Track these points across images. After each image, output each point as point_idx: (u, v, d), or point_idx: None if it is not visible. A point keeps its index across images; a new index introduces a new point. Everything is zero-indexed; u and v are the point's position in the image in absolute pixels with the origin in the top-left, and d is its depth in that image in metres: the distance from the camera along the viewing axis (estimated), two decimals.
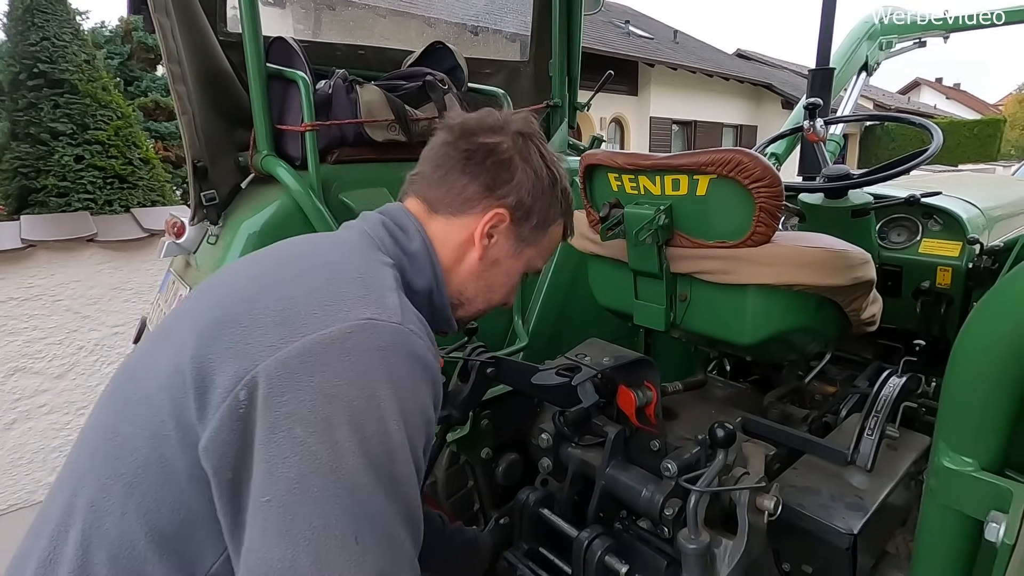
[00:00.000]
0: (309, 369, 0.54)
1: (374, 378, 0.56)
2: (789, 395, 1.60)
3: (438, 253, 0.80)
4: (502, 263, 0.83)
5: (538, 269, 0.91)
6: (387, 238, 0.77)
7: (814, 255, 1.05)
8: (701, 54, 16.31)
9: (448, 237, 0.80)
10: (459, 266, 0.81)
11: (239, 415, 0.53)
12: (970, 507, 0.55)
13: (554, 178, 0.84)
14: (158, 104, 6.20)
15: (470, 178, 0.79)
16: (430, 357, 0.63)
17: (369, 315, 0.59)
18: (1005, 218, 1.83)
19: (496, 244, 0.81)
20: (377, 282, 0.66)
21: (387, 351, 0.58)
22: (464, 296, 0.83)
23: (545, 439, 1.23)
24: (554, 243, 0.91)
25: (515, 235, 0.82)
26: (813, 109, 1.63)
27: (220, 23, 1.43)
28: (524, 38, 2.06)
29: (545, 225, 0.85)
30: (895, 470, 1.14)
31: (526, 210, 0.81)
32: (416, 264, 0.77)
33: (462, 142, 0.80)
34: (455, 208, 0.80)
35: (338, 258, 0.69)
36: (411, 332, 0.61)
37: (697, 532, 0.89)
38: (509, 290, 0.88)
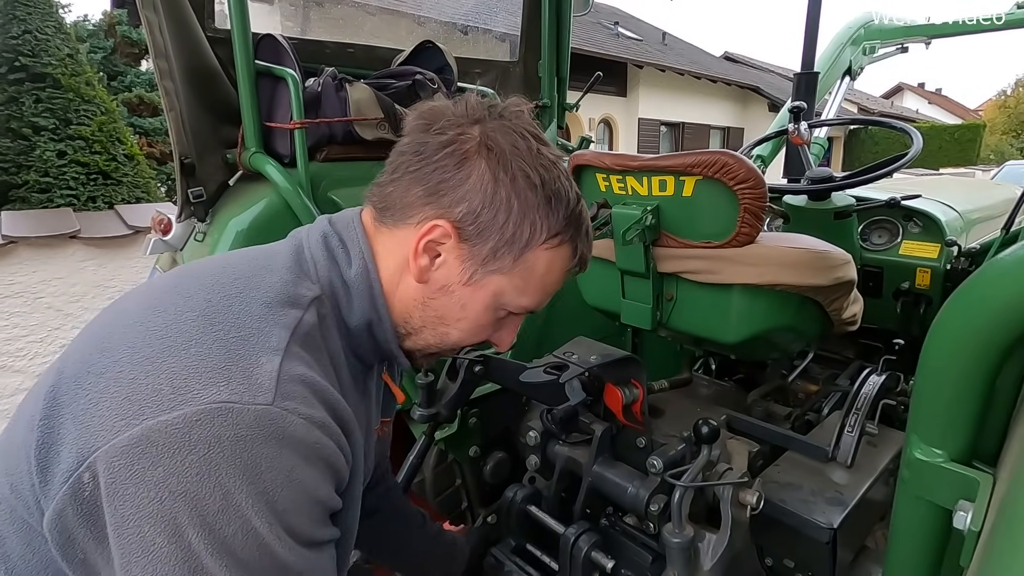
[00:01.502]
0: (150, 461, 0.46)
1: (227, 475, 0.47)
2: (773, 393, 1.63)
3: (381, 273, 0.66)
4: (454, 291, 0.65)
5: (523, 308, 0.69)
6: (323, 260, 0.64)
7: (797, 256, 1.07)
8: (689, 56, 16.44)
9: (391, 253, 0.66)
10: (401, 290, 0.66)
11: (84, 499, 0.48)
12: (940, 497, 0.57)
13: (533, 184, 0.63)
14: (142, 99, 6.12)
15: (415, 179, 0.63)
16: (315, 434, 0.53)
17: (224, 398, 0.49)
18: (982, 221, 1.88)
19: (444, 266, 0.64)
20: (253, 343, 0.53)
21: (244, 442, 0.48)
22: (409, 325, 0.68)
23: (533, 437, 1.24)
24: (545, 275, 0.67)
25: (467, 256, 0.63)
26: (798, 112, 1.66)
27: (208, 19, 1.42)
28: (514, 38, 2.07)
29: (516, 247, 0.63)
30: (874, 466, 1.17)
31: (481, 225, 0.62)
32: (351, 295, 0.65)
33: (421, 135, 0.64)
34: (396, 217, 0.65)
35: (229, 298, 0.57)
36: (285, 412, 0.51)
37: (681, 527, 0.90)
38: (472, 328, 0.68)
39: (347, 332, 0.65)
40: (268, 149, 1.39)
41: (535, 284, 0.68)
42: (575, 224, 0.67)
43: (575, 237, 0.68)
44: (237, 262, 0.64)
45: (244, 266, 0.62)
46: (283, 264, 0.63)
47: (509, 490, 1.24)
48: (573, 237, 0.68)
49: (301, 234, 0.68)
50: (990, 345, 0.52)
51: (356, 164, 1.47)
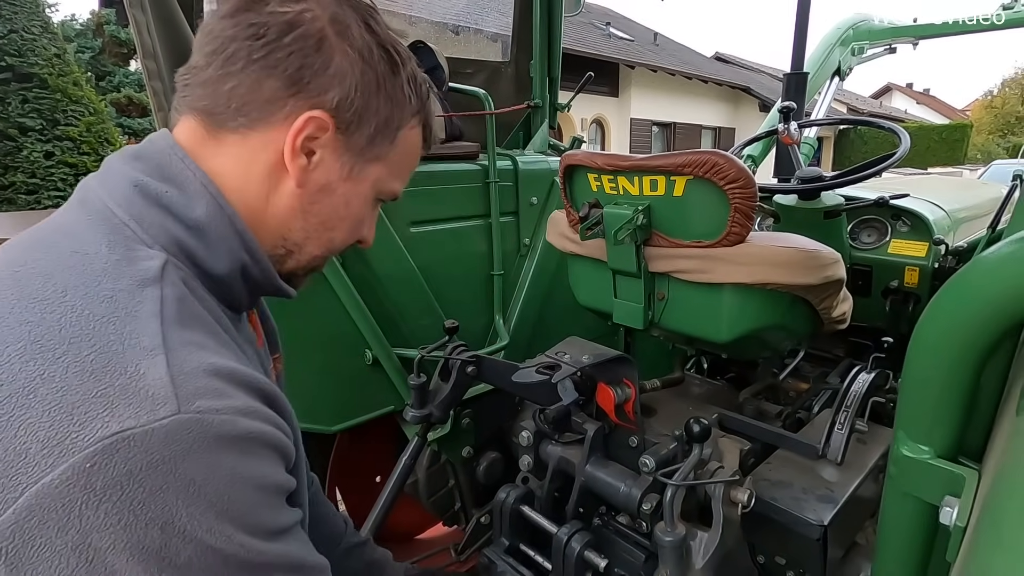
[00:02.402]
0: (55, 529, 0.38)
1: (158, 507, 0.40)
2: (764, 392, 1.64)
3: (243, 192, 0.55)
4: (335, 190, 0.59)
5: (395, 194, 0.66)
6: (148, 213, 0.51)
7: (787, 255, 1.08)
8: (681, 57, 16.53)
9: (250, 167, 0.55)
10: (273, 203, 0.57)
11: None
12: (926, 493, 0.58)
13: (395, 63, 0.59)
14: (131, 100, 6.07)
15: (265, 69, 0.53)
16: (243, 424, 0.45)
17: (115, 428, 0.39)
18: (969, 220, 1.90)
19: (320, 164, 0.57)
20: (118, 351, 0.43)
21: (165, 465, 0.40)
22: (290, 242, 0.60)
23: (525, 437, 1.24)
24: (410, 154, 0.65)
25: (346, 147, 0.58)
26: (787, 113, 1.67)
27: (197, 19, 1.41)
28: (505, 38, 2.07)
29: (391, 130, 0.60)
30: (864, 463, 1.18)
31: (356, 111, 0.56)
32: (210, 239, 0.53)
33: (248, 15, 0.53)
34: (250, 117, 0.54)
35: (54, 311, 0.43)
36: (199, 415, 0.42)
37: (673, 525, 0.91)
38: (354, 224, 0.64)
39: (214, 285, 0.55)
40: None
41: (406, 165, 0.66)
42: (427, 102, 0.65)
43: (428, 115, 0.66)
44: (29, 261, 0.48)
45: (44, 264, 0.47)
46: (95, 241, 0.49)
47: (502, 490, 1.24)
48: (427, 115, 0.65)
49: (97, 196, 0.52)
50: (975, 342, 0.53)
51: None
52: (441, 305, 1.55)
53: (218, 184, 0.54)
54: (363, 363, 1.39)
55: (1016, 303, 0.50)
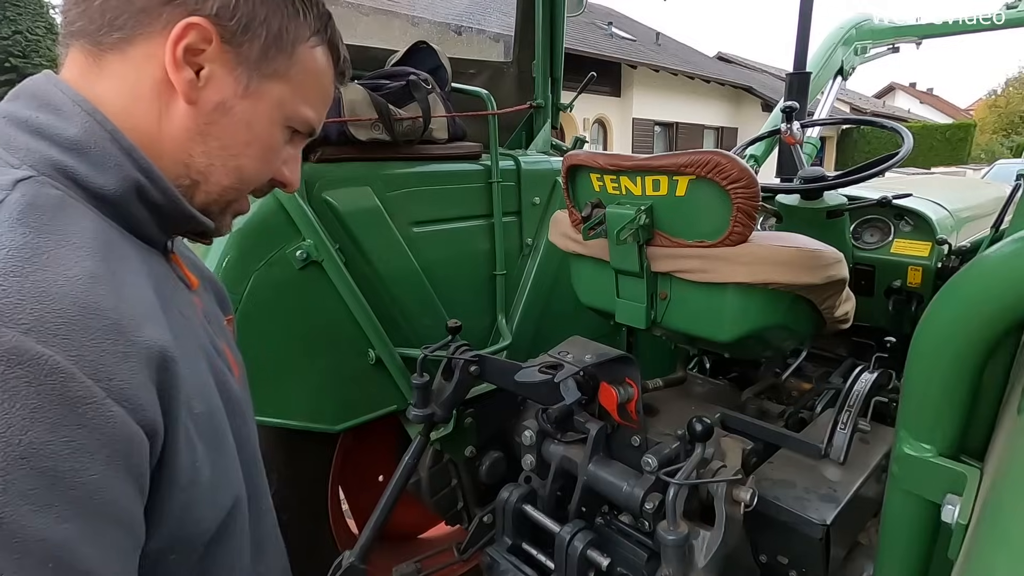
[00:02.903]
0: None
1: None
2: (766, 392, 1.64)
3: (131, 114, 0.52)
4: (233, 108, 0.55)
5: (308, 120, 0.62)
6: (17, 138, 0.48)
7: (789, 254, 1.08)
8: (683, 56, 16.51)
9: (135, 85, 0.52)
10: (167, 125, 0.53)
11: None
12: (928, 491, 0.58)
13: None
14: None
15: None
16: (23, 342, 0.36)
17: None
18: (972, 219, 1.90)
19: (212, 79, 0.53)
20: None
21: None
22: (193, 170, 0.56)
23: (528, 436, 1.24)
24: (318, 77, 0.61)
25: (237, 60, 0.54)
26: (790, 112, 1.67)
27: None
28: (508, 39, 2.08)
29: (286, 43, 0.56)
30: (867, 463, 1.18)
31: (241, 20, 0.53)
32: (90, 157, 0.49)
33: None
34: (126, 29, 0.51)
35: None
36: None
37: (676, 524, 0.91)
38: (263, 151, 0.59)
39: (108, 208, 0.50)
40: None
41: (314, 88, 0.61)
42: (329, 22, 0.61)
43: (334, 36, 0.62)
44: None
45: None
46: None
47: (505, 490, 1.24)
48: (332, 37, 0.62)
49: None
50: (976, 340, 0.54)
51: (350, 164, 1.47)
52: (444, 305, 1.55)
53: (105, 108, 0.51)
54: (366, 363, 1.40)
55: (1017, 302, 0.50)
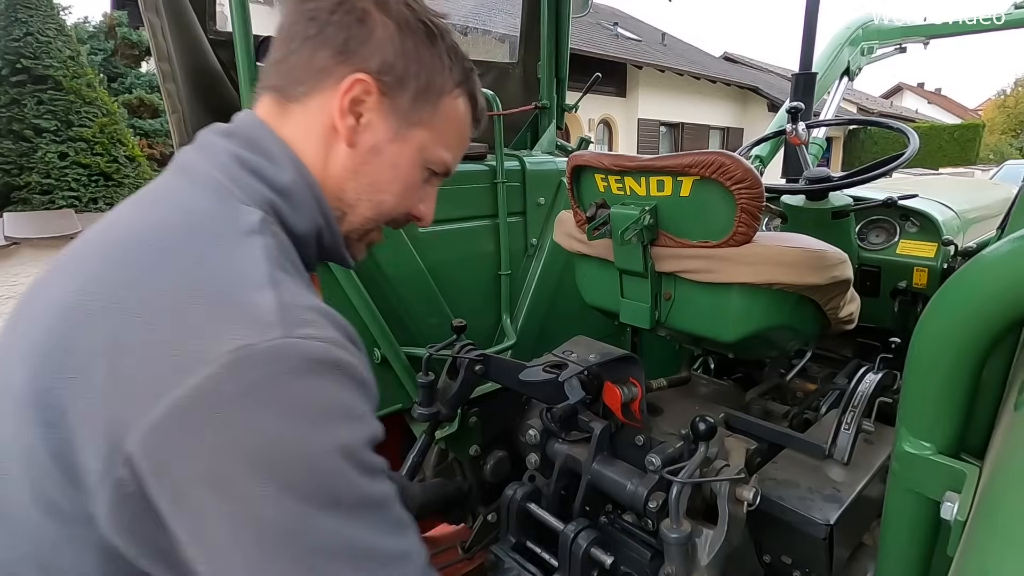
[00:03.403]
0: (189, 431, 0.44)
1: (270, 416, 0.45)
2: (771, 392, 1.64)
3: (305, 155, 0.63)
4: (383, 151, 0.65)
5: (445, 163, 0.71)
6: (246, 179, 0.59)
7: (793, 255, 1.08)
8: (689, 56, 16.47)
9: (309, 128, 0.63)
10: (330, 165, 0.64)
11: (129, 495, 0.45)
12: (928, 489, 0.59)
13: (432, 33, 0.65)
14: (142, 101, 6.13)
15: (317, 43, 0.62)
16: (337, 353, 0.50)
17: (242, 340, 0.46)
18: (979, 221, 1.89)
19: (369, 126, 0.64)
20: (245, 279, 0.50)
21: (275, 379, 0.46)
22: (344, 203, 0.67)
23: (532, 435, 1.25)
24: (456, 123, 0.71)
25: (390, 110, 0.64)
26: (795, 113, 1.67)
27: (210, 21, 1.44)
28: (513, 39, 2.08)
29: (432, 95, 0.66)
30: (871, 463, 1.18)
31: (397, 75, 0.63)
32: (294, 201, 0.61)
33: (306, 4, 0.63)
34: (307, 86, 0.63)
35: (186, 257, 0.51)
36: (302, 340, 0.48)
37: (679, 522, 0.91)
38: (404, 189, 0.69)
39: (296, 243, 0.62)
40: None
41: (452, 135, 0.70)
42: (471, 74, 0.71)
43: (473, 88, 0.71)
44: (147, 216, 0.56)
45: (163, 217, 0.56)
46: (205, 199, 0.57)
47: (509, 488, 1.25)
48: (472, 88, 0.71)
49: (199, 164, 0.61)
50: (976, 339, 0.54)
51: None
52: (449, 304, 1.56)
53: (299, 155, 0.63)
54: (372, 362, 1.41)
55: (1016, 301, 0.50)
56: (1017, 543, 0.31)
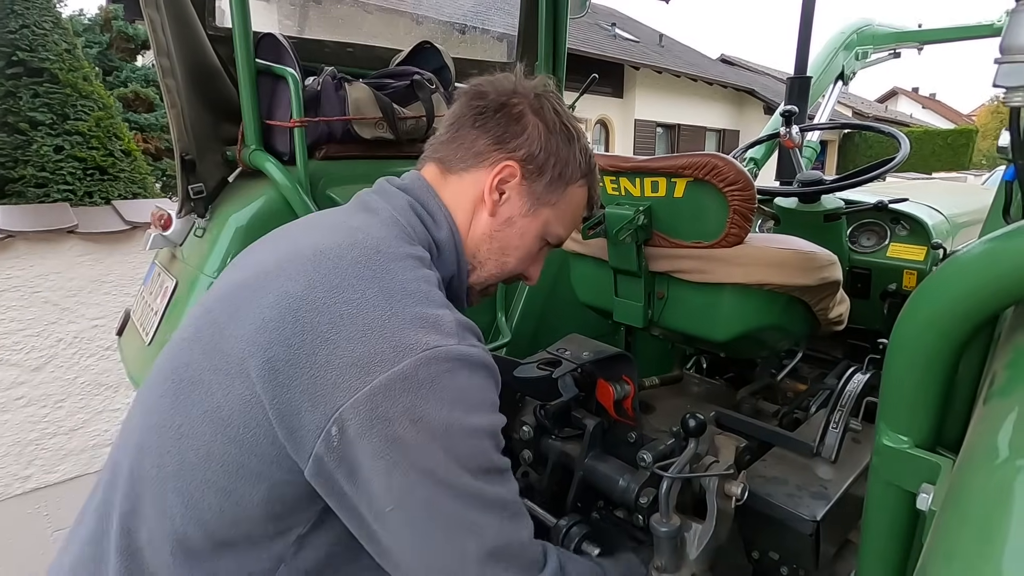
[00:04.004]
0: (390, 402, 0.58)
1: (449, 401, 0.61)
2: (762, 391, 1.66)
3: (455, 216, 0.80)
4: (516, 222, 0.81)
5: (559, 237, 0.87)
6: (418, 225, 0.76)
7: (784, 256, 1.10)
8: (686, 58, 16.50)
9: (462, 196, 0.80)
10: (474, 227, 0.81)
11: (334, 447, 0.59)
12: (906, 481, 0.61)
13: (570, 135, 0.82)
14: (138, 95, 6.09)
15: (480, 132, 0.79)
16: (486, 357, 0.67)
17: (433, 343, 0.61)
18: (968, 225, 1.91)
19: (508, 201, 0.80)
20: (430, 299, 0.66)
21: (454, 372, 0.62)
22: (477, 259, 0.83)
23: (526, 431, 1.26)
24: (575, 207, 0.87)
25: (528, 191, 0.80)
26: (789, 116, 1.69)
27: (209, 18, 1.44)
28: (511, 39, 2.10)
29: (562, 183, 0.82)
30: (857, 461, 1.20)
31: (539, 164, 0.79)
32: (444, 254, 0.78)
33: (476, 100, 0.80)
34: (466, 163, 0.80)
35: (386, 273, 0.66)
36: (471, 347, 0.64)
37: (668, 516, 0.93)
38: (524, 255, 0.85)
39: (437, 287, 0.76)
40: (268, 147, 1.41)
41: (570, 216, 0.87)
42: (593, 169, 0.87)
43: (593, 181, 0.87)
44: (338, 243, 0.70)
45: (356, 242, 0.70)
46: (388, 233, 0.72)
47: None
48: (592, 180, 0.87)
49: (381, 204, 0.77)
50: (950, 336, 0.56)
51: (354, 162, 1.49)
52: None
53: (454, 218, 0.80)
54: None
55: (988, 299, 0.53)
56: (977, 526, 0.33)
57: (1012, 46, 0.57)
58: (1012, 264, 0.51)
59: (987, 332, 0.63)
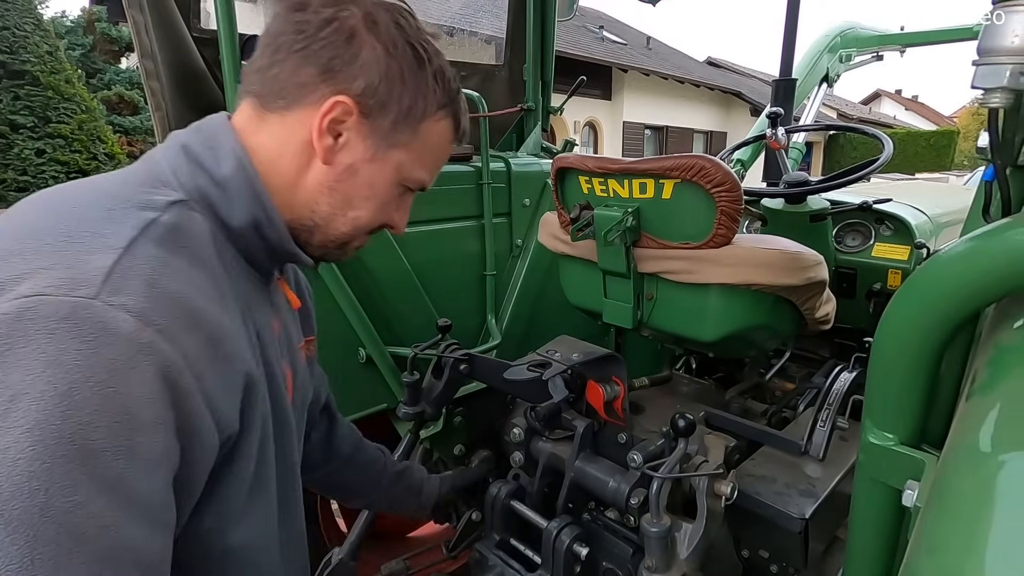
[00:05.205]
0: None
1: (28, 372, 0.42)
2: (750, 391, 1.67)
3: (276, 164, 0.63)
4: (360, 171, 0.66)
5: (421, 182, 0.72)
6: (185, 166, 0.60)
7: (770, 256, 1.11)
8: (673, 61, 16.64)
9: (287, 142, 0.63)
10: (305, 178, 0.64)
11: None
12: (891, 478, 0.62)
13: (420, 58, 0.65)
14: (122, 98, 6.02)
15: (302, 58, 0.61)
16: (149, 334, 0.46)
17: (40, 289, 0.44)
18: (951, 224, 1.94)
19: (347, 146, 0.64)
20: (85, 243, 0.49)
21: (53, 336, 0.43)
22: (317, 215, 0.66)
23: (517, 434, 1.26)
24: (435, 146, 0.71)
25: (370, 132, 0.65)
26: (775, 118, 1.71)
27: (194, 19, 1.43)
28: (499, 41, 2.10)
29: (413, 119, 0.66)
30: (845, 459, 1.22)
31: (380, 99, 0.63)
32: (229, 194, 0.60)
33: (295, 13, 0.62)
34: (288, 99, 0.62)
35: (63, 214, 0.52)
36: (109, 307, 0.45)
37: (659, 516, 0.93)
38: (378, 207, 0.69)
39: (232, 237, 0.61)
40: None
41: (431, 155, 0.71)
42: (456, 97, 0.71)
43: (457, 110, 0.71)
44: (81, 185, 0.58)
45: (87, 187, 0.57)
46: (133, 179, 0.59)
47: (493, 486, 1.26)
48: (455, 110, 0.71)
49: (154, 152, 0.63)
50: (932, 334, 0.57)
51: None
52: (434, 304, 1.57)
53: (256, 155, 0.63)
54: (357, 361, 1.41)
55: (970, 297, 0.54)
56: (960, 520, 0.34)
57: (989, 48, 0.58)
58: (991, 263, 0.52)
59: (969, 330, 0.64)
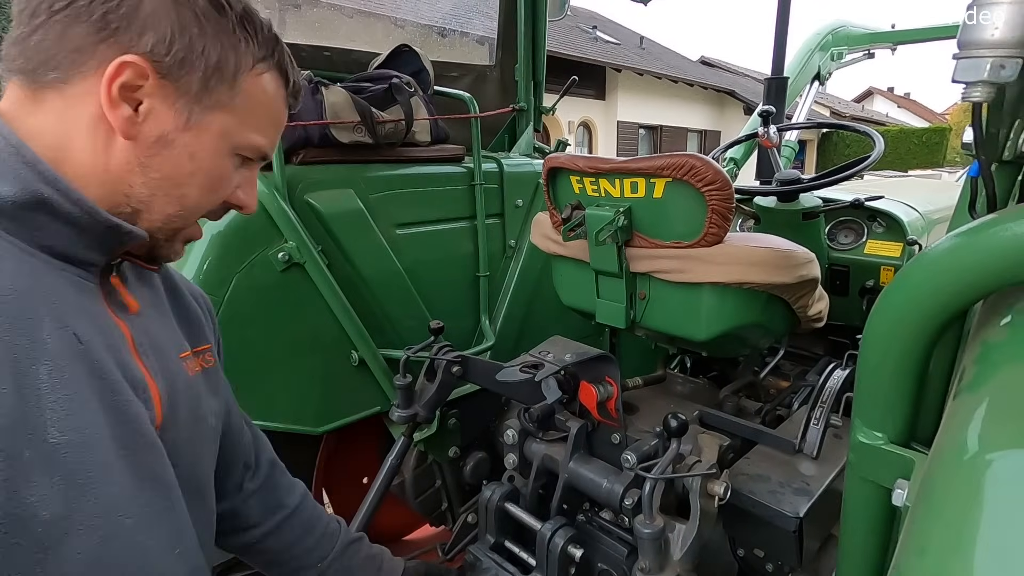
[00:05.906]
0: None
1: None
2: (744, 389, 1.67)
3: (67, 149, 0.53)
4: (174, 141, 0.56)
5: (259, 147, 0.62)
6: None
7: (762, 255, 1.11)
8: (666, 60, 16.68)
9: (72, 122, 0.53)
10: (109, 159, 0.54)
11: None
12: (881, 477, 0.61)
13: (219, 4, 0.55)
14: None
15: (70, 18, 0.50)
16: None
17: None
18: (943, 221, 1.95)
19: (152, 115, 0.54)
20: None
21: None
22: (133, 199, 0.56)
23: (510, 435, 1.26)
24: (265, 103, 0.61)
25: (177, 95, 0.54)
26: (767, 116, 1.71)
27: None
28: (491, 42, 2.10)
29: (227, 75, 0.56)
30: (839, 457, 1.21)
31: (177, 56, 0.53)
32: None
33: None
34: (63, 70, 0.51)
35: None
36: None
37: (652, 517, 0.93)
38: (209, 181, 0.59)
39: (6, 221, 0.50)
40: None
41: (262, 116, 0.61)
42: (277, 46, 0.61)
43: (281, 61, 0.62)
44: None
45: None
46: None
47: (487, 488, 1.25)
48: (280, 61, 0.61)
49: None
50: (920, 332, 0.57)
51: (332, 167, 1.48)
52: (427, 306, 1.56)
53: (38, 143, 0.52)
54: (349, 364, 1.40)
55: (957, 294, 0.54)
56: (949, 521, 0.33)
57: (969, 41, 0.58)
58: (977, 259, 0.52)
59: (957, 327, 0.64)
